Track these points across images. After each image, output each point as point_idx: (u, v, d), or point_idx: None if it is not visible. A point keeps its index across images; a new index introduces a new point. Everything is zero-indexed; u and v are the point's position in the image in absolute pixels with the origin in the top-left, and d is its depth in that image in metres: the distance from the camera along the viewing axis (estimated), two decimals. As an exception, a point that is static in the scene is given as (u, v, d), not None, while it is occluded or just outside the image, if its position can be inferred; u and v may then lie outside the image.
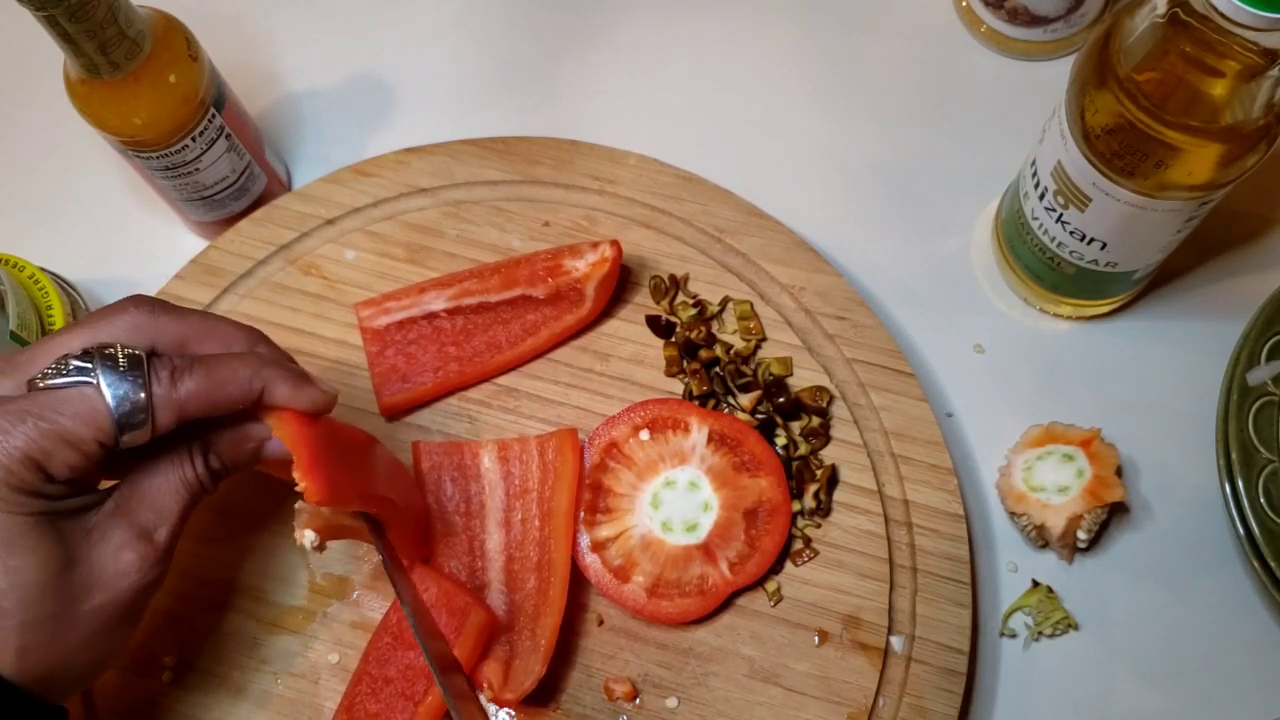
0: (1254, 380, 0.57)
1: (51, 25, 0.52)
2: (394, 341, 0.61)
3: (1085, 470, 0.58)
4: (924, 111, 0.71)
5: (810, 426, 0.59)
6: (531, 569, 0.56)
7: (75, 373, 0.41)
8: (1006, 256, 0.65)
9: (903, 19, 0.74)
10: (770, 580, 0.57)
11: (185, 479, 0.45)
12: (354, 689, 0.54)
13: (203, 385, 0.43)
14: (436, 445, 0.59)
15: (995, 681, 0.58)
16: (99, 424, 0.41)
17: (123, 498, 0.44)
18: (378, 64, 0.74)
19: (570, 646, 0.56)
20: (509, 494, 0.57)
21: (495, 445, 0.58)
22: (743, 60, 0.73)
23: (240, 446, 0.47)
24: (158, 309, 0.45)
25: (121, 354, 0.42)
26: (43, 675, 0.42)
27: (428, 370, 0.61)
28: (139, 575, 0.44)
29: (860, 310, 0.62)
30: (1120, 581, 0.60)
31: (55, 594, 0.42)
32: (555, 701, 0.55)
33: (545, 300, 0.61)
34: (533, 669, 0.54)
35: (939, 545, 0.57)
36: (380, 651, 0.55)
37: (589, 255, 0.60)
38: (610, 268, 0.60)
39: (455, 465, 0.58)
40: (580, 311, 0.61)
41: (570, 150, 0.66)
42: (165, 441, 0.44)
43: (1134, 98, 0.49)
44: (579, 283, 0.60)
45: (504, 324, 0.61)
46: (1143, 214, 0.53)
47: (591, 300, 0.60)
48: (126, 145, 0.59)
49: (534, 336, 0.61)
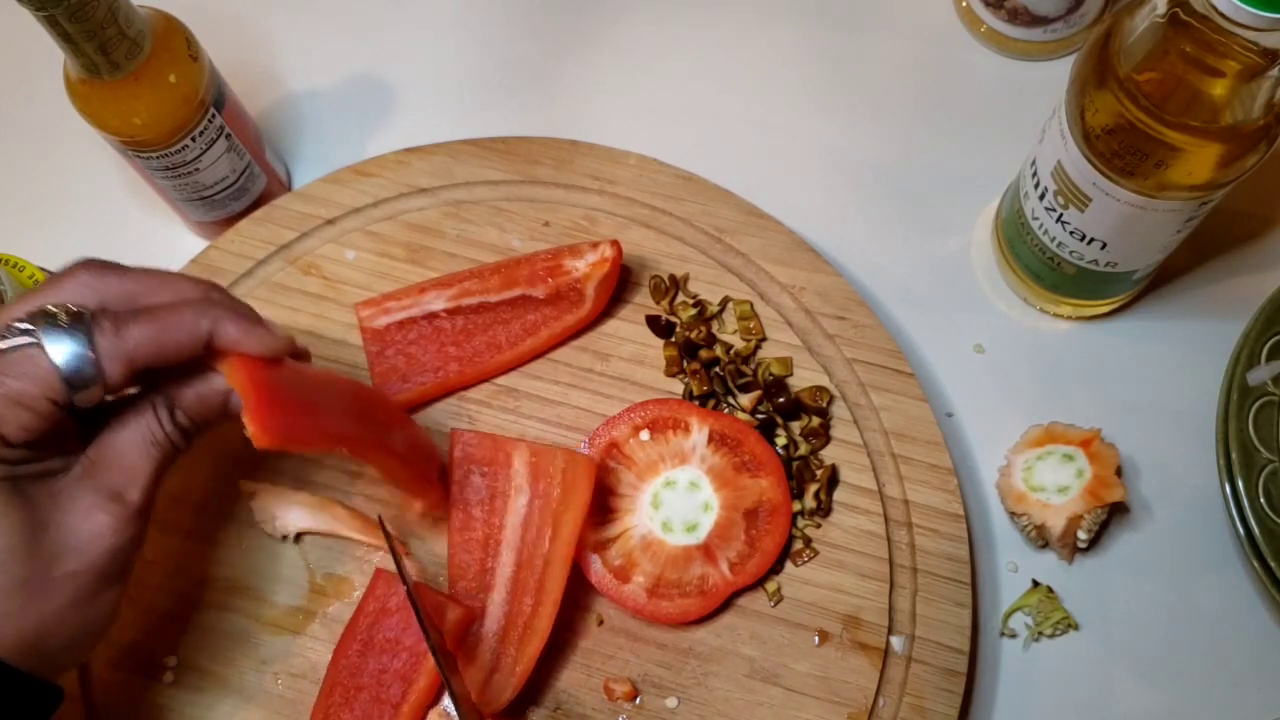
0: (1254, 380, 0.57)
1: (51, 25, 0.52)
2: (394, 341, 0.61)
3: (1085, 470, 0.58)
4: (924, 111, 0.71)
5: (810, 426, 0.59)
6: (531, 591, 0.55)
7: (18, 334, 0.41)
8: (1006, 256, 0.65)
9: (903, 19, 0.74)
10: (770, 580, 0.57)
11: (153, 436, 0.44)
12: (326, 699, 0.54)
13: (148, 332, 0.42)
14: (473, 435, 0.57)
15: (995, 681, 0.58)
16: (47, 381, 0.41)
17: (90, 460, 0.44)
18: (378, 64, 0.74)
19: (570, 646, 0.56)
20: (533, 499, 0.56)
21: (528, 448, 0.57)
22: (743, 60, 0.73)
23: (205, 400, 0.46)
24: (106, 269, 0.44)
25: (64, 313, 0.42)
26: (24, 645, 0.41)
27: (428, 370, 0.60)
28: (114, 537, 0.43)
29: (860, 310, 0.62)
30: (1120, 581, 0.60)
31: (25, 558, 0.41)
32: (555, 701, 0.56)
33: (545, 300, 0.61)
34: (505, 690, 0.53)
35: (939, 545, 0.57)
36: (349, 660, 0.54)
37: (589, 255, 0.60)
38: (610, 268, 0.60)
39: (488, 459, 0.57)
40: (580, 311, 0.61)
41: (570, 150, 0.66)
42: (131, 402, 0.44)
43: (1134, 98, 0.49)
44: (579, 283, 0.60)
45: (504, 324, 0.61)
46: (1143, 214, 0.53)
47: (591, 300, 0.60)
48: (126, 145, 0.59)
49: (534, 336, 0.61)
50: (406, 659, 0.54)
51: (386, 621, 0.55)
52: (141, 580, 0.58)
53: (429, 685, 0.54)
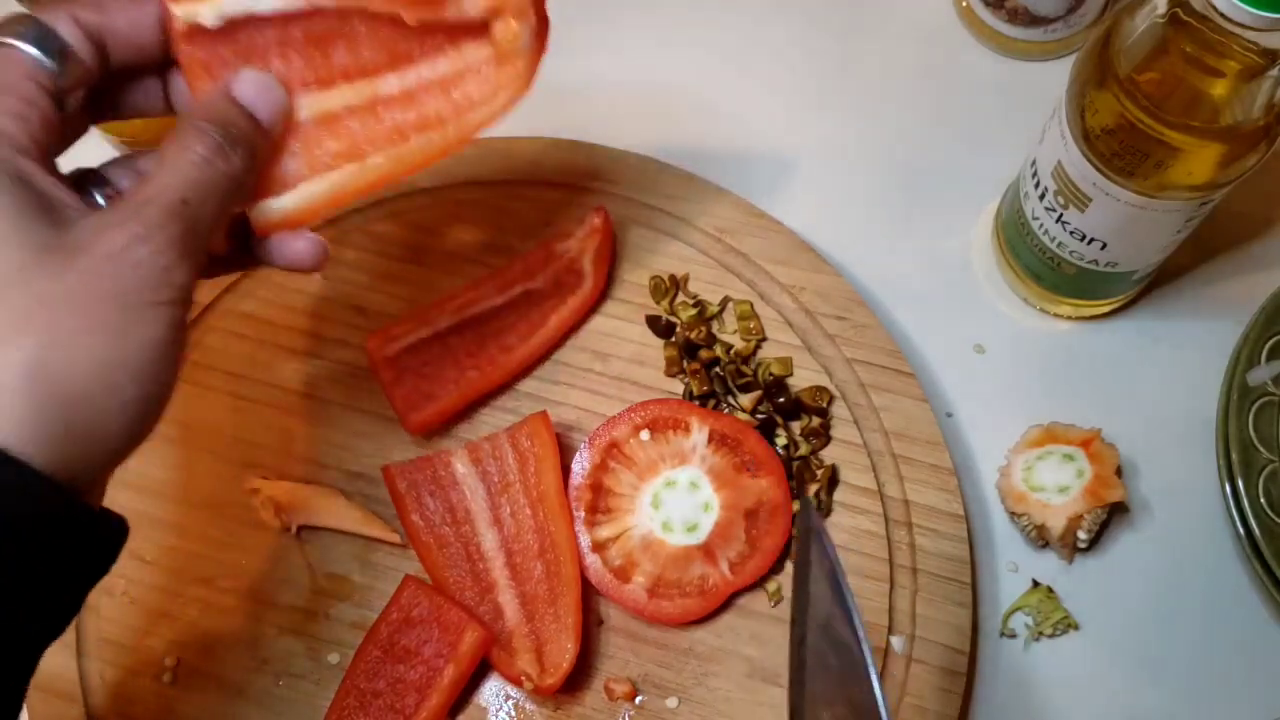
0: (1254, 380, 0.57)
1: (51, 25, 0.52)
2: (409, 366, 0.60)
3: (1085, 470, 0.58)
4: (924, 112, 0.71)
5: (810, 426, 0.59)
6: (535, 556, 0.56)
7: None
8: (1006, 256, 0.65)
9: (903, 19, 0.74)
10: (771, 580, 0.57)
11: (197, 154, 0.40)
12: (341, 701, 0.54)
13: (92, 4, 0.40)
14: (405, 465, 0.58)
15: (995, 681, 0.58)
16: (27, 66, 0.38)
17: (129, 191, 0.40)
18: (378, 64, 0.74)
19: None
20: (491, 492, 0.57)
21: (465, 449, 0.58)
22: (743, 60, 0.73)
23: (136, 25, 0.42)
24: None
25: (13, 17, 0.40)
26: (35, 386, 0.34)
27: (449, 385, 0.60)
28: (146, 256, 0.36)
29: (860, 310, 0.62)
30: (1120, 581, 0.60)
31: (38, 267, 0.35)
32: (555, 701, 0.56)
33: (547, 290, 0.61)
34: (566, 648, 0.54)
35: (939, 545, 0.57)
36: (369, 664, 0.54)
37: (578, 232, 0.60)
38: (601, 237, 0.60)
39: (430, 479, 0.57)
40: (584, 290, 0.61)
41: (570, 150, 0.66)
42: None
43: (1134, 98, 0.49)
44: (575, 261, 0.60)
45: (512, 325, 0.61)
46: (1143, 214, 0.53)
47: (591, 275, 0.60)
48: (127, 145, 0.59)
49: (545, 327, 0.61)
50: (423, 671, 0.54)
51: (409, 631, 0.55)
52: (141, 580, 0.58)
53: (442, 703, 0.54)
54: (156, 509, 0.59)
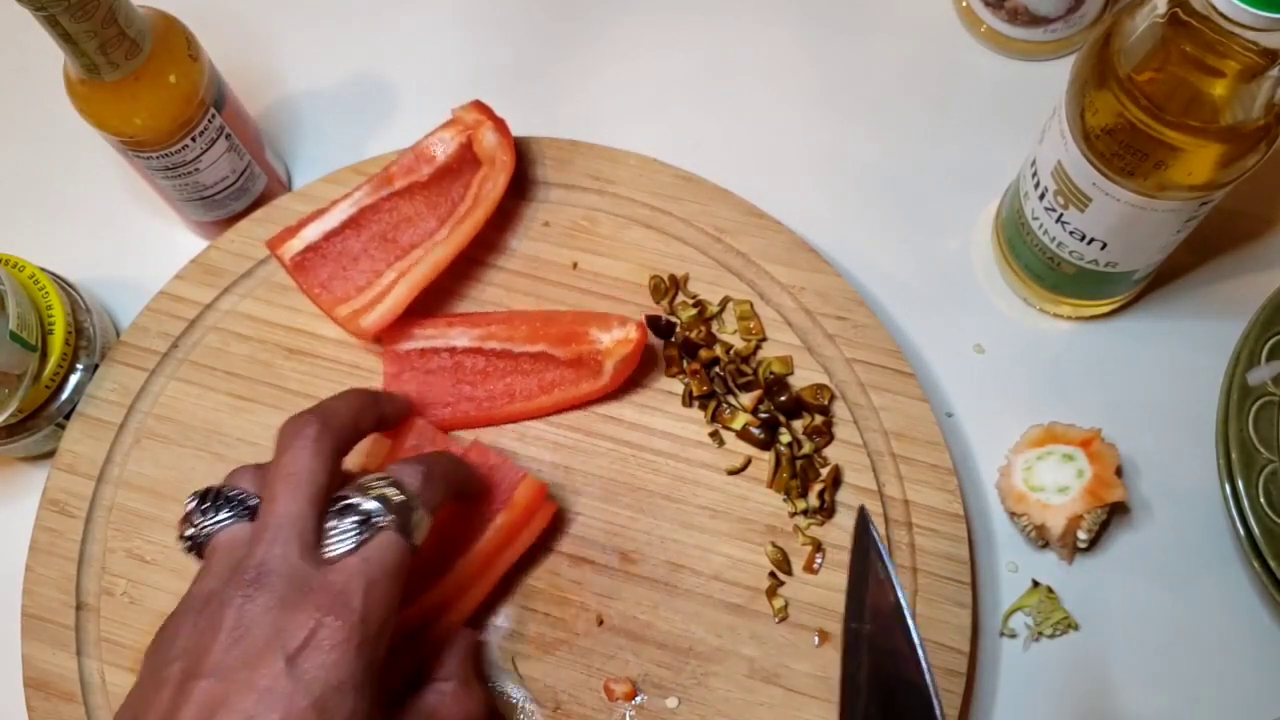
0: (1254, 380, 0.57)
1: (51, 25, 0.52)
2: (413, 367, 0.60)
3: (1085, 470, 0.58)
4: (924, 111, 0.71)
5: (813, 425, 0.59)
6: None
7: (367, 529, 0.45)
8: (1006, 256, 0.65)
9: (902, 19, 0.74)
10: (777, 597, 0.57)
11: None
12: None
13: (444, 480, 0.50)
14: None
15: (995, 681, 0.58)
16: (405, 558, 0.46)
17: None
18: (378, 64, 0.74)
19: (570, 646, 0.56)
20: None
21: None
22: (743, 60, 0.73)
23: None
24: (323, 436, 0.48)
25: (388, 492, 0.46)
26: None
27: (441, 405, 0.60)
28: None
29: (860, 310, 0.62)
30: (1120, 581, 0.60)
31: None
32: (555, 701, 0.56)
33: (566, 363, 0.60)
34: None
35: (939, 545, 0.57)
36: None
37: (615, 331, 0.59)
38: (633, 349, 0.58)
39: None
40: (597, 383, 0.60)
41: (570, 150, 0.66)
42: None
43: (1134, 98, 0.49)
44: (600, 355, 0.59)
45: (523, 374, 0.61)
46: (1143, 214, 0.53)
47: (609, 376, 0.59)
48: (126, 145, 0.59)
49: (548, 395, 0.60)
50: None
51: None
52: (141, 580, 0.58)
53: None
54: (156, 509, 0.59)
